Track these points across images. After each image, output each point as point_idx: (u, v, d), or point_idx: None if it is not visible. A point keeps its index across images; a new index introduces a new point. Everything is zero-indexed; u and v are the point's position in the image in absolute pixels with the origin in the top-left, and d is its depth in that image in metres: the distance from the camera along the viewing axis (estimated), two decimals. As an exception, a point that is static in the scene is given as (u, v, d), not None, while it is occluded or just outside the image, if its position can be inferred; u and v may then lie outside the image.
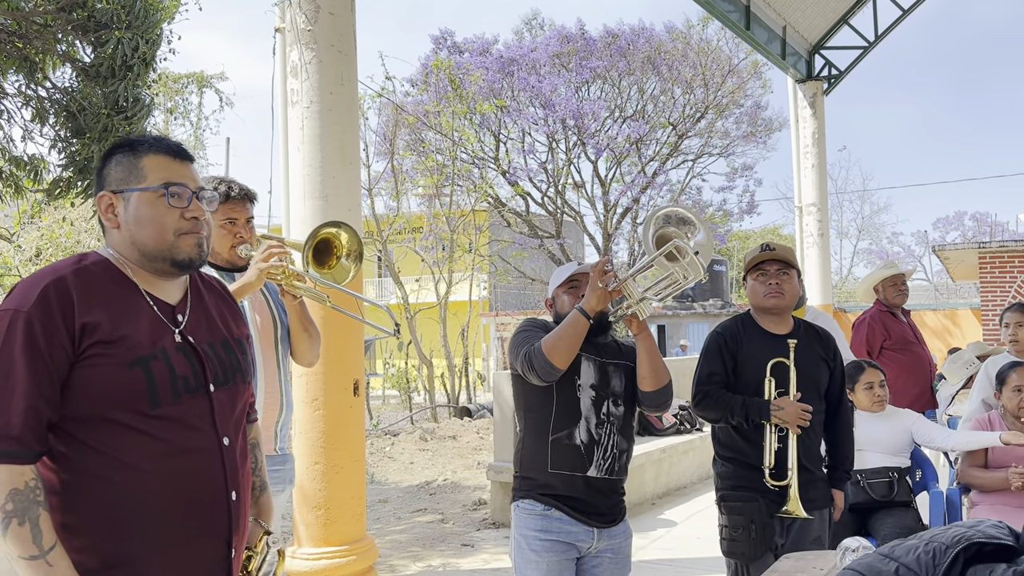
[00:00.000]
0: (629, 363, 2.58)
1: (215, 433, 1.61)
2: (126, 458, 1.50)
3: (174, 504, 1.53)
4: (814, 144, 11.33)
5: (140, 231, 1.60)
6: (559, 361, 2.39)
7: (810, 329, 3.04)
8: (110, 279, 1.58)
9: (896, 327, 5.17)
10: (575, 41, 18.60)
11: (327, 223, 2.52)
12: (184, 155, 1.67)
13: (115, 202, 1.62)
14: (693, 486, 7.31)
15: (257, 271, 2.49)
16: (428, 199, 16.27)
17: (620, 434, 2.53)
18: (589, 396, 2.49)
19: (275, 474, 2.64)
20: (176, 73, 15.99)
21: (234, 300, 1.85)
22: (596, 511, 2.49)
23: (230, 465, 1.62)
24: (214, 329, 1.70)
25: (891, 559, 1.22)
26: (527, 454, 2.54)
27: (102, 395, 1.49)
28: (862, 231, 38.48)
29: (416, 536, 5.77)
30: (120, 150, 1.65)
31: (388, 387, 16.99)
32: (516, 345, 2.51)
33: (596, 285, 2.40)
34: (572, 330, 2.40)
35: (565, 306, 2.58)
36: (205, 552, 1.58)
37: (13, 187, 7.56)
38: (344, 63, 4.47)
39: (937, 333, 14.25)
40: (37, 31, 6.58)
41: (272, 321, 2.72)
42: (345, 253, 2.52)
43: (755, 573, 2.79)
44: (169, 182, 1.61)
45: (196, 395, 1.59)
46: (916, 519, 3.72)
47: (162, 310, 1.61)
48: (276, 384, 2.69)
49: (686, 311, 19.12)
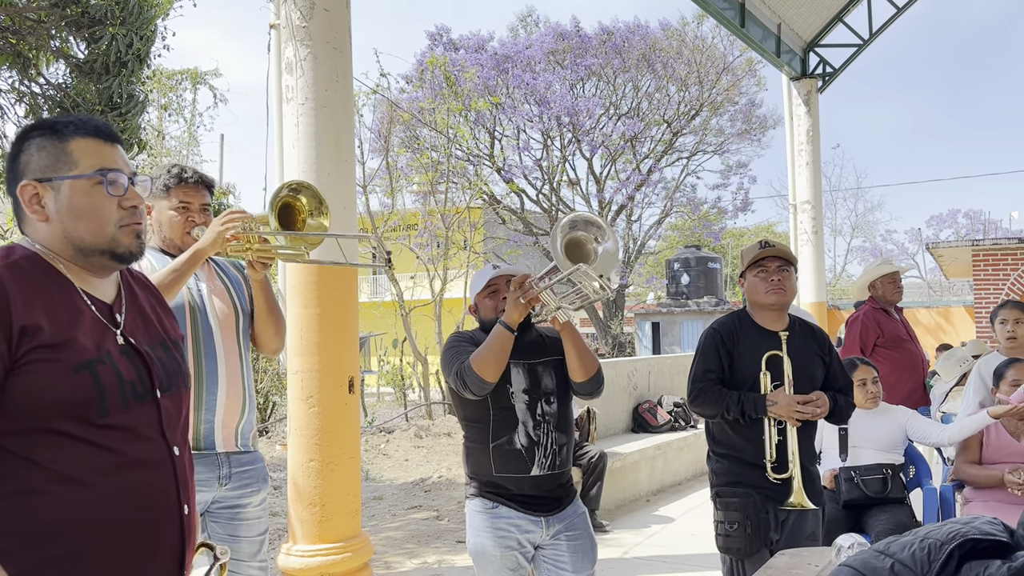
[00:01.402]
0: (557, 357, 2.66)
1: (165, 443, 1.47)
2: (72, 472, 1.35)
3: (125, 520, 1.40)
4: (808, 142, 11.36)
5: (76, 224, 1.44)
6: (490, 376, 2.49)
7: (804, 325, 3.05)
8: (43, 275, 1.42)
9: (889, 324, 5.18)
10: (570, 38, 18.62)
11: (283, 186, 2.40)
12: (113, 137, 1.51)
13: (41, 192, 1.44)
14: (687, 483, 7.33)
15: (214, 233, 2.32)
16: (423, 196, 16.24)
17: (557, 430, 2.62)
18: (523, 401, 2.59)
19: (247, 474, 2.54)
20: (170, 70, 15.95)
21: (163, 297, 1.73)
22: (542, 503, 2.60)
23: (181, 476, 1.49)
24: (152, 330, 1.56)
25: (886, 555, 1.22)
26: (472, 459, 2.66)
27: (45, 404, 1.34)
28: (856, 229, 38.59)
29: (411, 533, 5.78)
30: (39, 133, 1.47)
31: (383, 384, 16.96)
32: (447, 362, 2.61)
33: (516, 300, 2.48)
34: (499, 346, 2.49)
35: (488, 311, 2.69)
36: (156, 571, 1.46)
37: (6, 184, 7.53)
38: (339, 60, 4.46)
39: (931, 330, 14.29)
40: (31, 27, 6.56)
41: (233, 309, 2.57)
42: (308, 212, 2.42)
43: (750, 568, 2.80)
44: (105, 168, 1.46)
45: (143, 402, 1.45)
46: (910, 515, 3.73)
47: (100, 310, 1.47)
48: (239, 379, 2.52)
49: (680, 308, 19.15)
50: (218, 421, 2.47)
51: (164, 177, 2.56)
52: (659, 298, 23.12)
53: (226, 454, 2.49)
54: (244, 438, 2.56)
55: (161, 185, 2.55)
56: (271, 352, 2.69)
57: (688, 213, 20.89)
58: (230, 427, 2.51)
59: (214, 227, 2.35)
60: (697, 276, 19.52)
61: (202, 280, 2.55)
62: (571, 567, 2.61)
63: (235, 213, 2.37)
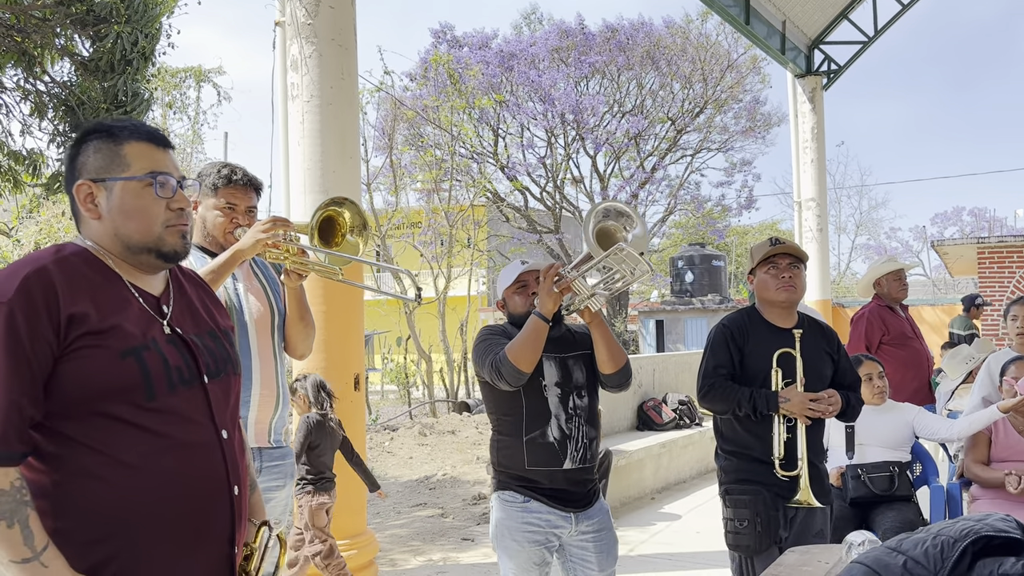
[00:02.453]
0: (586, 351, 2.69)
1: (213, 426, 1.54)
2: (123, 456, 1.42)
3: (175, 503, 1.46)
4: (813, 139, 11.34)
5: (125, 222, 1.52)
6: (525, 366, 2.50)
7: (814, 323, 3.05)
8: (91, 269, 1.50)
9: (894, 322, 5.17)
10: (574, 35, 18.58)
11: (328, 201, 2.43)
12: (165, 142, 1.60)
13: (96, 191, 1.53)
14: (692, 480, 7.33)
15: (253, 239, 2.36)
16: (427, 194, 16.24)
17: (588, 424, 2.65)
18: (555, 394, 2.61)
19: (276, 469, 2.59)
20: (174, 68, 15.95)
21: (213, 291, 1.79)
22: (572, 498, 2.61)
23: (231, 459, 1.56)
24: (199, 321, 1.64)
25: (899, 552, 1.22)
26: (504, 453, 2.66)
27: (94, 388, 1.42)
28: (860, 226, 38.50)
29: (416, 530, 5.78)
30: (97, 136, 1.56)
31: (387, 382, 16.97)
32: (480, 355, 2.63)
33: (550, 289, 2.50)
34: (534, 335, 2.51)
35: (517, 306, 2.71)
36: (209, 551, 1.52)
37: (12, 181, 7.54)
38: (344, 57, 4.46)
39: (935, 328, 14.24)
40: (36, 25, 6.56)
41: (269, 309, 2.61)
42: (349, 229, 2.44)
43: (760, 566, 2.80)
44: (155, 171, 1.54)
45: (191, 387, 1.53)
46: (917, 513, 3.72)
47: (147, 301, 1.55)
48: (273, 376, 2.58)
49: (684, 307, 19.12)
50: (251, 417, 2.51)
51: (213, 176, 2.58)
52: (663, 296, 23.09)
53: (258, 449, 2.54)
54: (276, 433, 2.62)
55: (210, 184, 2.58)
56: (298, 356, 2.73)
57: (692, 211, 20.85)
58: (263, 423, 2.56)
59: (254, 232, 2.39)
60: (701, 274, 19.48)
61: (239, 279, 2.59)
62: (596, 565, 2.64)
63: (278, 220, 2.41)
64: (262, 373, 2.55)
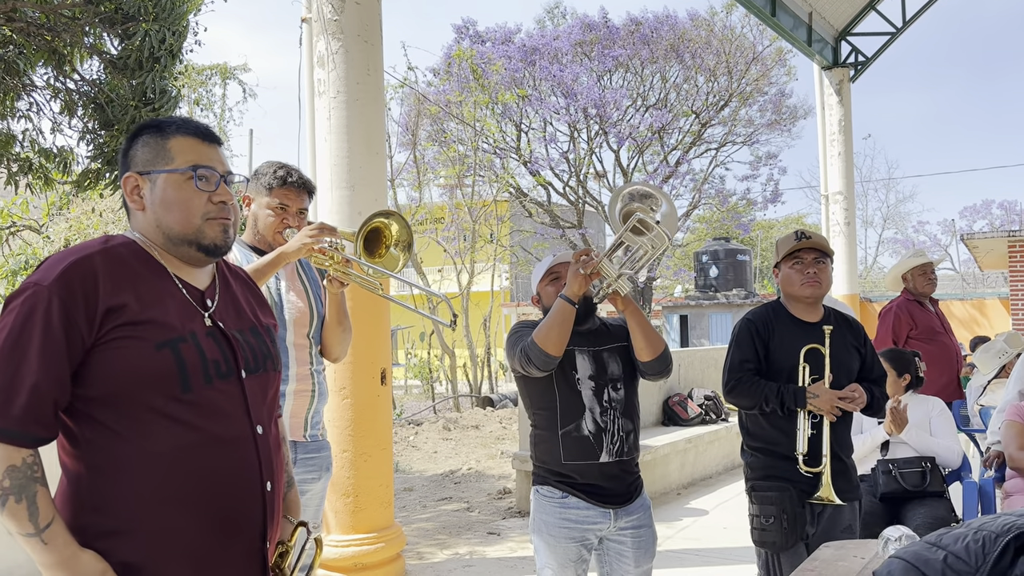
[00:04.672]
0: (622, 343, 2.66)
1: (248, 421, 1.55)
2: (157, 447, 1.44)
3: (206, 496, 1.47)
4: (840, 132, 11.21)
5: (166, 214, 1.55)
6: (553, 348, 2.48)
7: (840, 317, 3.02)
8: (138, 261, 1.53)
9: (923, 316, 5.11)
10: (598, 29, 18.51)
11: (378, 212, 2.46)
12: (212, 138, 1.62)
13: (141, 184, 1.57)
14: (719, 476, 7.29)
15: (299, 244, 2.41)
16: (450, 189, 16.27)
17: (624, 417, 2.62)
18: (589, 387, 2.59)
19: (311, 461, 2.63)
20: (200, 65, 16.09)
21: (259, 289, 1.81)
22: (612, 493, 2.58)
23: (264, 454, 1.56)
24: (243, 316, 1.65)
25: (939, 548, 1.20)
26: (541, 447, 2.64)
27: (130, 378, 1.43)
28: (887, 220, 38.06)
29: (442, 524, 5.80)
30: (147, 131, 1.60)
31: (410, 377, 17.05)
32: (511, 346, 2.63)
33: (576, 272, 2.49)
34: (560, 317, 2.49)
35: (551, 298, 2.69)
36: (240, 545, 1.52)
37: (42, 179, 7.65)
38: (370, 53, 4.47)
39: (964, 323, 14.06)
40: (65, 23, 6.65)
41: (309, 310, 2.67)
42: (394, 242, 2.47)
43: (786, 562, 2.78)
44: (198, 164, 1.56)
45: (227, 380, 1.53)
46: (949, 509, 3.68)
47: (191, 294, 1.56)
48: (308, 375, 2.64)
49: (709, 301, 19.00)
50: (287, 411, 2.57)
51: (269, 176, 2.63)
52: (687, 291, 22.97)
53: (293, 442, 2.58)
54: (313, 428, 2.67)
55: (264, 183, 2.63)
56: (334, 359, 2.77)
57: (717, 205, 20.71)
58: (298, 417, 2.61)
59: (302, 236, 2.43)
60: (726, 269, 19.33)
61: (282, 278, 2.65)
62: (633, 561, 2.61)
63: (325, 227, 2.45)
64: (298, 369, 2.60)
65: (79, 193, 8.64)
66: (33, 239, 11.58)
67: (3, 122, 7.37)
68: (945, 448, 3.83)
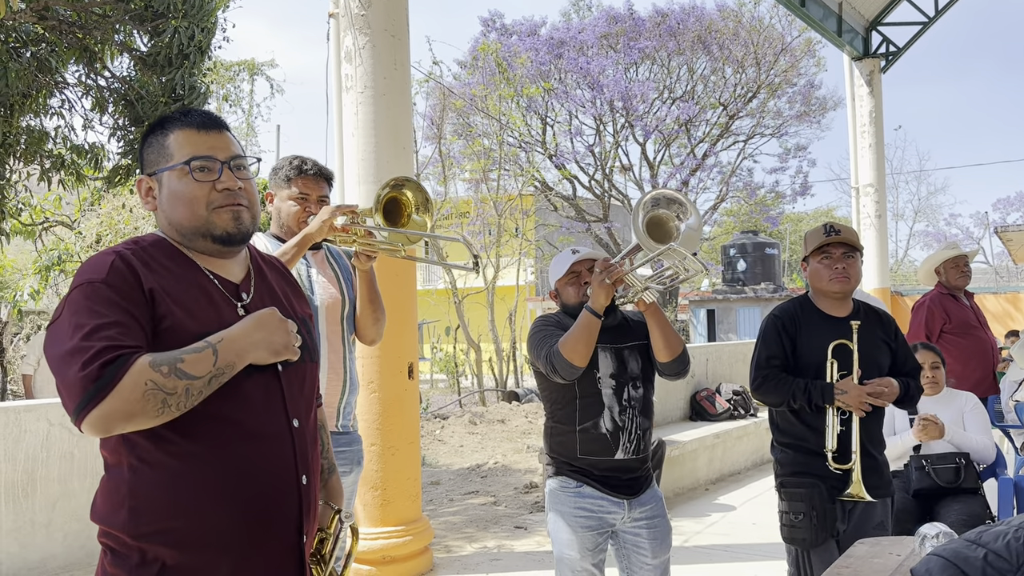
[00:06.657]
0: (643, 341, 2.65)
1: (285, 414, 1.53)
2: (191, 444, 1.44)
3: (242, 491, 1.46)
4: (871, 123, 11.05)
5: (174, 211, 1.54)
6: (579, 360, 2.49)
7: (870, 311, 2.97)
8: (168, 257, 1.53)
9: (957, 310, 5.02)
10: (623, 21, 18.40)
11: (386, 184, 2.43)
12: (212, 124, 1.58)
13: (152, 185, 1.57)
14: (747, 472, 7.23)
15: (321, 221, 2.42)
16: (475, 184, 16.28)
17: (642, 415, 2.63)
18: (609, 386, 2.59)
19: (343, 455, 2.63)
20: (228, 61, 16.23)
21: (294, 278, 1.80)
22: (625, 485, 2.61)
23: (300, 448, 1.55)
24: (278, 307, 1.61)
25: (979, 545, 1.18)
26: (557, 440, 2.65)
27: None
28: (919, 213, 37.51)
29: (470, 518, 5.82)
30: (153, 131, 1.60)
31: (436, 371, 17.11)
32: (535, 346, 2.62)
33: (602, 282, 2.46)
34: (586, 331, 2.48)
35: (571, 297, 2.68)
36: (277, 540, 1.51)
37: (74, 175, 7.76)
38: (397, 47, 4.47)
39: (998, 317, 13.82)
40: (96, 21, 6.73)
41: (340, 297, 2.69)
42: (414, 208, 2.45)
43: (816, 559, 2.76)
44: (193, 156, 1.53)
45: (264, 372, 1.51)
46: (983, 506, 3.62)
47: (225, 288, 1.56)
48: (340, 361, 2.65)
49: (736, 295, 18.85)
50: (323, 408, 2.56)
51: (286, 168, 2.70)
52: (714, 285, 22.80)
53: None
54: (344, 418, 2.69)
55: (283, 176, 2.70)
56: (368, 341, 2.79)
57: (744, 198, 20.53)
58: (330, 407, 2.63)
59: (322, 215, 2.45)
60: (754, 262, 19.15)
61: (312, 266, 2.69)
62: (650, 552, 2.63)
63: (344, 206, 2.47)
64: (330, 358, 2.62)
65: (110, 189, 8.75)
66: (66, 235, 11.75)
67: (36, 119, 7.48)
68: (979, 444, 3.76)
